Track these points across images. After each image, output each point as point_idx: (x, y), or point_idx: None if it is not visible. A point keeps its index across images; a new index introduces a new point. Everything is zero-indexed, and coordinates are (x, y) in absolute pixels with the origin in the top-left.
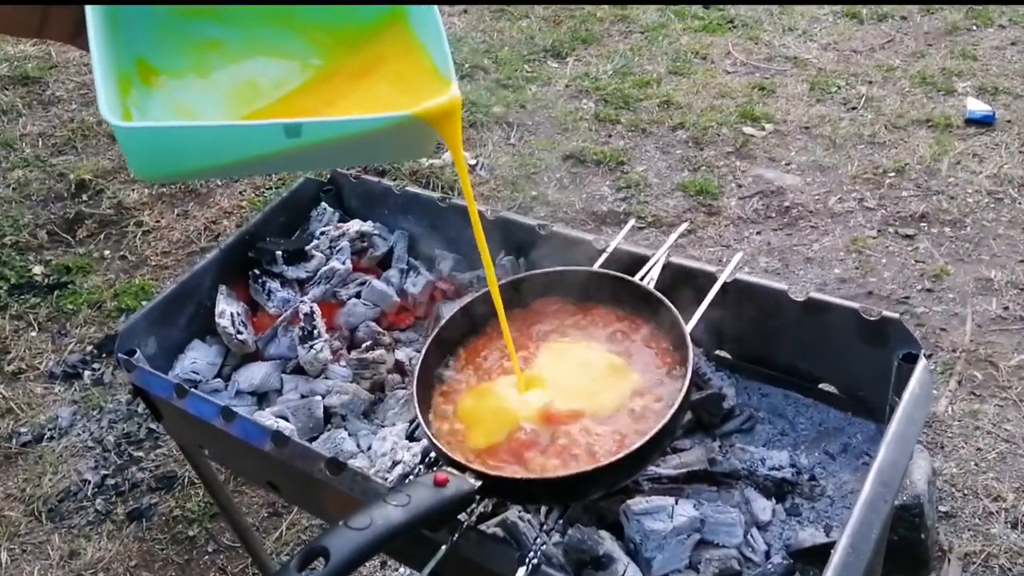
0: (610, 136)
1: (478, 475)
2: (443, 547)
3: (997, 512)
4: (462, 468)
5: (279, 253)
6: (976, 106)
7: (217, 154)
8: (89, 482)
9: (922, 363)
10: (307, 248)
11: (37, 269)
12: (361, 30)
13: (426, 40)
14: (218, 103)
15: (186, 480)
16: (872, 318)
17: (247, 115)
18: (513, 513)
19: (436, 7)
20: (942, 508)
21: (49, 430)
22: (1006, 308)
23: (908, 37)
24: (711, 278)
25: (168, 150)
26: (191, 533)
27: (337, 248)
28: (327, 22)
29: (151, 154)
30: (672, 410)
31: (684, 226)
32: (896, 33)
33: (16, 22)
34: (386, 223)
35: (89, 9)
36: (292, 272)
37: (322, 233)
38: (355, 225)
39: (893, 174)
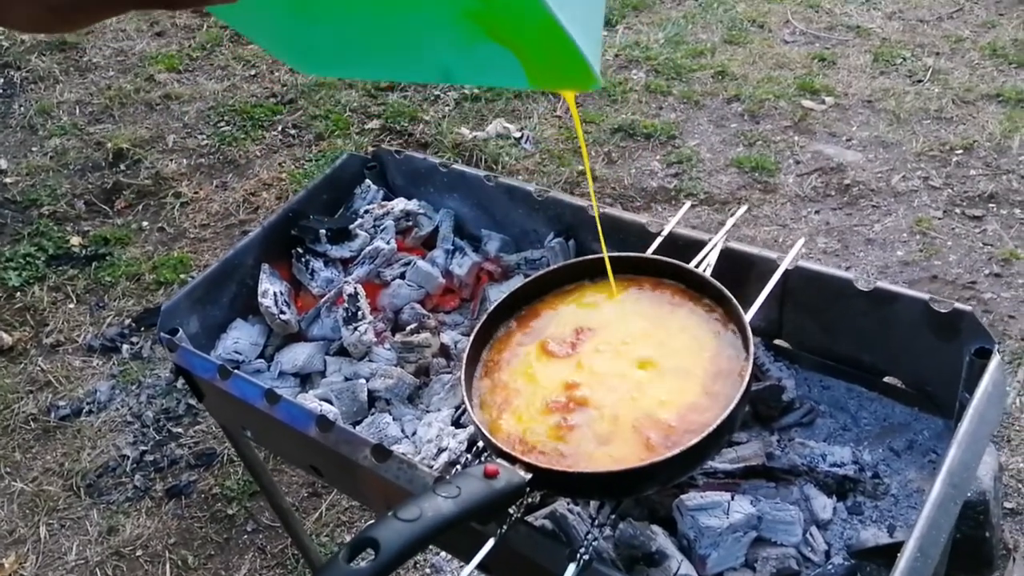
0: (661, 108)
1: (528, 467)
2: (491, 539)
3: None
4: (512, 459)
5: (323, 231)
6: None
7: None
8: (128, 458)
9: (996, 359)
10: (351, 227)
11: (75, 240)
12: None
13: None
14: None
15: (225, 458)
16: (943, 310)
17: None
18: (562, 505)
19: None
20: (1008, 505)
21: (87, 404)
22: None
23: (978, 6)
24: (771, 265)
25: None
26: (230, 512)
27: (381, 227)
28: None
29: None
30: (732, 405)
31: (743, 210)
32: (965, 2)
33: None
34: (431, 201)
35: None
36: (336, 251)
37: (366, 211)
38: (400, 203)
39: (960, 151)
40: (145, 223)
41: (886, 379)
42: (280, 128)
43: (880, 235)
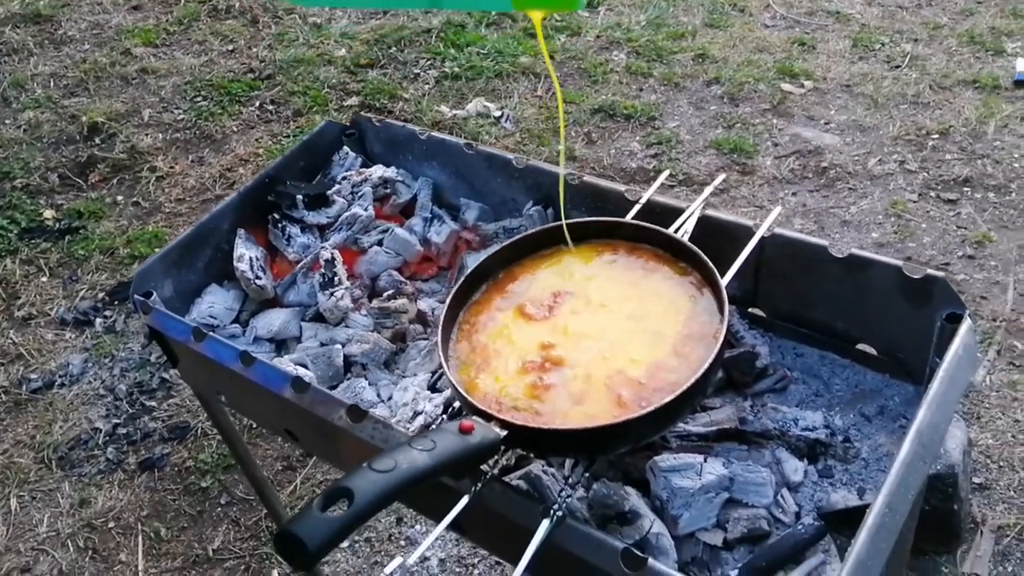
0: (641, 90)
1: (504, 424)
2: (465, 496)
3: None
4: (488, 417)
5: (300, 197)
6: None
7: None
8: (100, 431)
9: (966, 323)
10: (328, 193)
11: (48, 213)
12: None
13: None
14: None
15: (199, 431)
16: (915, 276)
17: None
18: (536, 467)
19: None
20: (976, 479)
21: (60, 377)
22: None
23: None
24: (748, 232)
25: None
26: (204, 484)
27: (359, 194)
28: None
29: None
30: (706, 365)
31: (721, 177)
32: None
33: None
34: (410, 170)
35: None
36: (312, 217)
37: (344, 178)
38: (378, 171)
39: (936, 136)
40: (120, 197)
41: (859, 346)
42: (258, 104)
43: (856, 217)
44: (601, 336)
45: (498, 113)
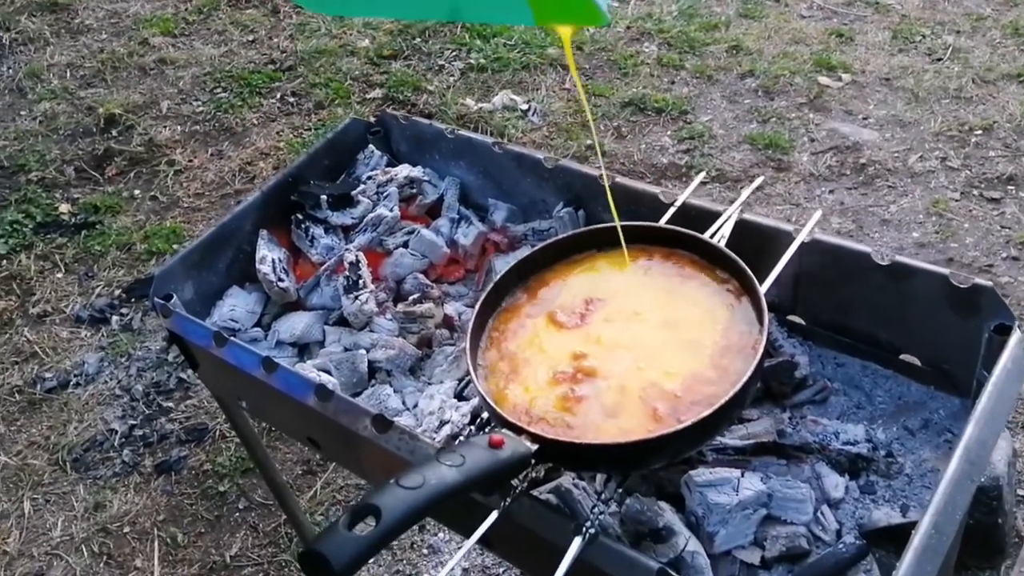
0: (673, 83)
1: (535, 438)
2: (495, 512)
3: None
4: (518, 430)
5: (324, 197)
6: None
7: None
8: (116, 432)
9: (1016, 335)
10: (353, 193)
11: (64, 207)
12: None
13: None
14: None
15: (217, 433)
16: (962, 285)
17: None
18: (567, 480)
19: None
20: (1021, 492)
21: (75, 376)
22: None
23: None
24: (787, 237)
25: None
26: (222, 488)
27: (385, 194)
28: None
29: None
30: (744, 378)
31: (759, 180)
32: None
33: None
34: (437, 169)
35: None
36: (337, 218)
37: (369, 178)
38: (404, 170)
39: (980, 132)
40: (137, 191)
41: (902, 357)
42: (279, 96)
43: (896, 216)
44: (635, 346)
45: (525, 106)
